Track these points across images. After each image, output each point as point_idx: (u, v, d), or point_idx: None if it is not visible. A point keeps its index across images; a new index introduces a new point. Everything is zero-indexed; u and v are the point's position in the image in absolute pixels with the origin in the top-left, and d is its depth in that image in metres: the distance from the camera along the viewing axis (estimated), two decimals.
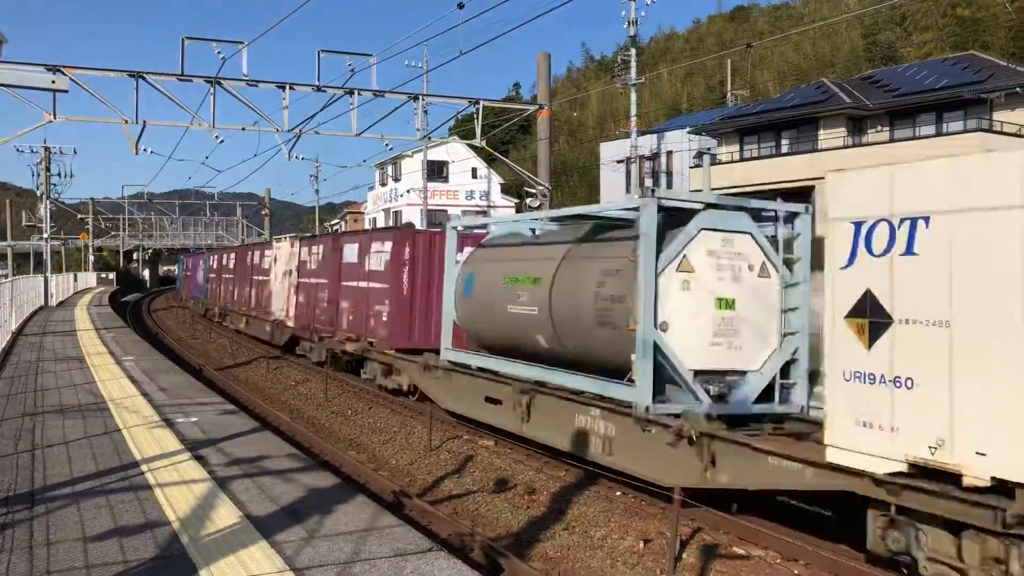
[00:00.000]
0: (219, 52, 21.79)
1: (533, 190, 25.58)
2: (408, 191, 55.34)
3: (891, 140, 31.62)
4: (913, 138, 30.21)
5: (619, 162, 42.92)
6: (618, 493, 10.07)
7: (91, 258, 72.59)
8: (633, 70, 34.40)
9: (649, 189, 9.58)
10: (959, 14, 49.47)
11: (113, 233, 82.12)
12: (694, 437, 8.36)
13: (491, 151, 29.88)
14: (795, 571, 7.71)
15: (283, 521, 6.16)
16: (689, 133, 40.34)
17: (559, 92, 71.88)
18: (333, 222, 79.82)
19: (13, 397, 11.93)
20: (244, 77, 22.43)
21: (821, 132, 33.82)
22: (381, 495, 10.04)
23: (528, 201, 25.52)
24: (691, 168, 38.88)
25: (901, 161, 6.85)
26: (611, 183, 44.92)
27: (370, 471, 11.52)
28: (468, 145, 48.04)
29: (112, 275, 69.97)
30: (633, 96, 35.17)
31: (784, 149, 35.06)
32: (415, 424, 14.30)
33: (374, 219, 63.45)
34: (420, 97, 25.24)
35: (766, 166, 33.26)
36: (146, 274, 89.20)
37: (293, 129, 24.44)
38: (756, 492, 8.32)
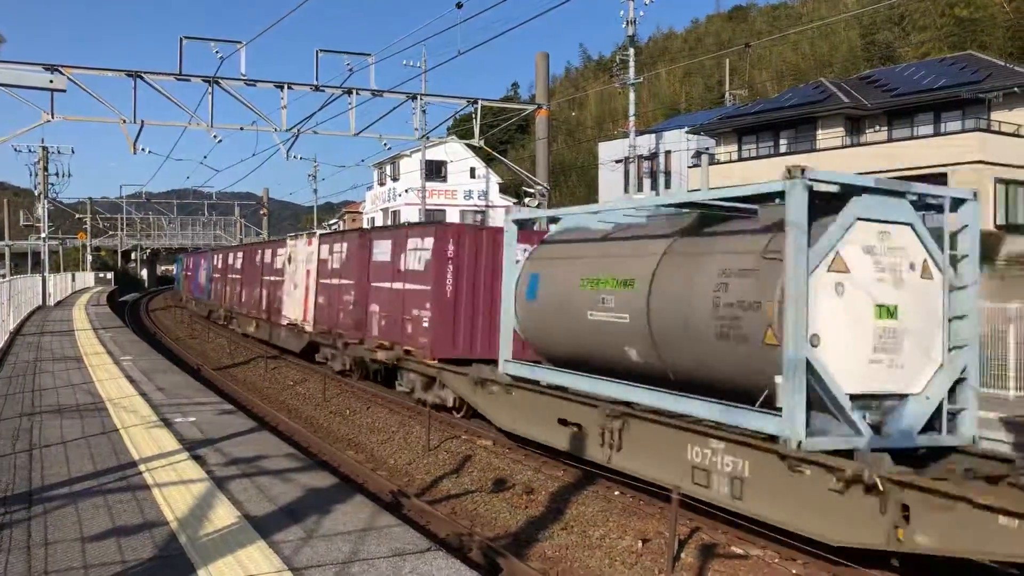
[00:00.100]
0: (217, 52, 21.84)
1: (532, 190, 25.61)
2: (406, 191, 55.37)
3: (889, 140, 31.67)
4: (911, 138, 30.25)
5: (617, 162, 42.93)
6: (616, 493, 10.07)
7: (89, 258, 72.64)
8: (631, 70, 34.42)
9: (798, 168, 7.51)
10: (957, 14, 49.51)
11: (111, 233, 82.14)
12: (880, 485, 6.62)
13: (489, 151, 29.90)
14: (793, 570, 7.71)
15: (281, 521, 6.15)
16: (687, 133, 40.39)
17: (557, 92, 71.92)
18: (331, 221, 79.82)
19: (11, 397, 11.90)
20: (242, 77, 22.44)
21: (819, 132, 33.88)
22: (379, 495, 10.03)
23: (527, 201, 25.53)
24: (689, 168, 38.92)
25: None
26: (609, 183, 44.99)
27: (368, 471, 11.52)
28: (466, 145, 48.04)
29: (110, 275, 70.03)
30: (631, 96, 35.19)
31: (782, 149, 35.09)
32: (413, 424, 14.29)
33: (372, 219, 63.54)
34: (418, 97, 25.28)
35: (765, 166, 33.30)
36: (144, 274, 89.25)
37: (291, 129, 24.47)
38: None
